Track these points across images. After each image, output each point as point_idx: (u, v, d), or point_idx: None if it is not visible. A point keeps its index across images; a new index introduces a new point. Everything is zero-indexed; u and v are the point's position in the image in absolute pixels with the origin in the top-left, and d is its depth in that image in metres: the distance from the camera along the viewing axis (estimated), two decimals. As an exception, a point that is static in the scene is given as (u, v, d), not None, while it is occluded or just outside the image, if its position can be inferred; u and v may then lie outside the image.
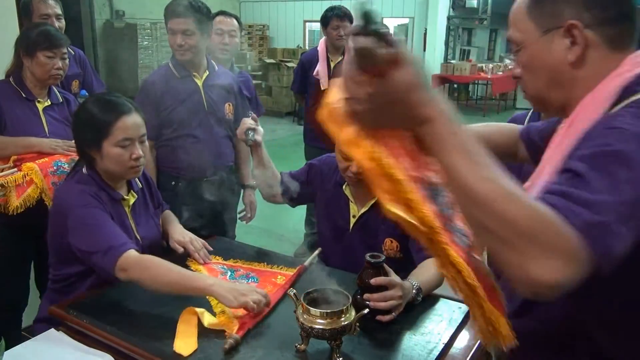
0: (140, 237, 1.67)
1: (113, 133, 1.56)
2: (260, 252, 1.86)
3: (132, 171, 1.62)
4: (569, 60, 0.89)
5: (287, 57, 10.50)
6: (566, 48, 0.89)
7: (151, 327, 1.37)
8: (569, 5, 0.88)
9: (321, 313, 1.23)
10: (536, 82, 0.95)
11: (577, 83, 0.90)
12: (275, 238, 4.18)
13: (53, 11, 2.59)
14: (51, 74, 2.14)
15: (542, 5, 0.91)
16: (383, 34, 0.67)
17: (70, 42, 2.24)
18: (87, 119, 1.59)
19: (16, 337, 2.15)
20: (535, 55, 0.93)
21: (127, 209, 1.68)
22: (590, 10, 0.87)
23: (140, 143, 1.62)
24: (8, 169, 2.02)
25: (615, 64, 0.89)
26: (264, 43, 13.34)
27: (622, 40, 0.89)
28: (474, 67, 10.55)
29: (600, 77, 0.88)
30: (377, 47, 0.66)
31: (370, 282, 1.39)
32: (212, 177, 2.36)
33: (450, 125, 0.69)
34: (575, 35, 0.88)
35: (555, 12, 0.89)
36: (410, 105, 0.70)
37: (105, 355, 1.32)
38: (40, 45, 2.10)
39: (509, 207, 0.65)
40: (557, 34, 0.89)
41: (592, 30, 0.88)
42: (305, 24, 13.49)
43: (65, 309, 1.46)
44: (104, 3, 10.34)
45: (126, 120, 1.58)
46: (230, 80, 2.47)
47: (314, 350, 1.28)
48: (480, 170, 0.67)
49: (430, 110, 0.69)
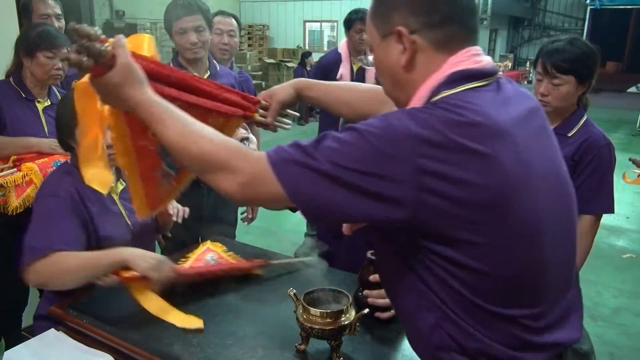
0: (131, 222, 1.69)
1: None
2: (260, 252, 1.86)
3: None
4: (401, 64, 0.95)
5: (287, 57, 10.51)
6: (399, 52, 0.95)
7: (151, 327, 1.37)
8: (397, 12, 0.94)
9: (321, 313, 1.23)
10: (384, 82, 1.03)
11: (411, 85, 0.96)
12: (275, 238, 4.18)
13: (53, 11, 2.58)
14: (51, 74, 2.14)
15: (379, 12, 0.98)
16: (87, 47, 0.94)
17: (70, 42, 2.24)
18: (61, 109, 1.63)
19: (16, 337, 2.16)
20: (379, 59, 1.00)
21: (115, 196, 1.69)
22: (416, 16, 0.93)
23: None
24: (7, 169, 2.02)
25: (441, 65, 0.94)
26: (264, 43, 13.35)
27: (448, 43, 0.94)
28: (473, 67, 10.56)
29: (428, 78, 0.94)
30: (81, 59, 0.94)
31: (370, 279, 1.39)
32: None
33: (150, 107, 0.99)
34: (403, 41, 0.94)
35: (387, 18, 0.95)
36: (120, 97, 1.00)
37: (105, 355, 1.32)
38: (40, 45, 2.10)
39: (197, 148, 0.94)
40: (392, 40, 0.95)
41: (419, 35, 0.93)
42: (305, 24, 13.50)
43: (65, 309, 1.45)
44: (104, 3, 10.35)
45: None
46: (232, 80, 2.46)
47: (314, 350, 1.28)
48: (174, 131, 0.96)
49: (135, 100, 0.99)
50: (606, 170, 1.83)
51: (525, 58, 15.09)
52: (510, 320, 0.92)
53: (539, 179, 0.91)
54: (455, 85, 0.91)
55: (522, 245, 0.90)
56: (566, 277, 1.02)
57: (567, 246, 1.01)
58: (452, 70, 0.93)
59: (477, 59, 0.95)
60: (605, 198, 1.85)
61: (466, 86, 0.92)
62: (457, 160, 0.83)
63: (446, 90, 0.91)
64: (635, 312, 3.33)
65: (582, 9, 15.18)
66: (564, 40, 1.82)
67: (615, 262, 4.13)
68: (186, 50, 2.25)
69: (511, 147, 0.87)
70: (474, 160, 0.83)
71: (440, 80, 0.93)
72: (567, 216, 1.00)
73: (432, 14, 0.93)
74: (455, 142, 0.83)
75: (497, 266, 0.89)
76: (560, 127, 1.87)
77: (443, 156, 0.83)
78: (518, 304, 0.92)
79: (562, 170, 1.01)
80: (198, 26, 2.22)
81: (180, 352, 1.26)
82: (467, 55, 0.94)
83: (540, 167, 0.92)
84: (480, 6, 11.73)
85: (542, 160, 0.94)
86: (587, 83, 1.82)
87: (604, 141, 1.83)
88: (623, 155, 2.73)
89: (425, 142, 0.83)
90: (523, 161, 0.88)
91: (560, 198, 0.98)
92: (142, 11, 10.49)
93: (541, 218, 0.91)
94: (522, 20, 15.72)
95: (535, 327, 0.93)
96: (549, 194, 0.93)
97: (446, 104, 0.88)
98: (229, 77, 2.47)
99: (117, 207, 1.68)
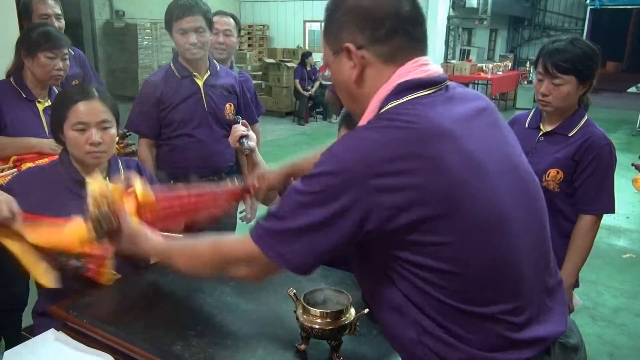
0: None
1: (69, 117, 1.61)
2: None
3: (90, 156, 1.63)
4: (352, 79, 0.99)
5: (287, 57, 10.50)
6: (350, 68, 0.99)
7: (151, 327, 1.37)
8: (345, 30, 0.98)
9: (321, 313, 1.23)
10: (342, 96, 1.07)
11: (364, 98, 1.00)
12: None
13: (53, 11, 2.58)
14: (52, 75, 2.14)
15: (329, 30, 1.02)
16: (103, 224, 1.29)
17: (71, 42, 2.24)
18: (54, 103, 1.65)
19: (16, 337, 2.15)
20: (334, 74, 1.05)
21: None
22: (362, 33, 0.97)
23: (102, 130, 1.63)
24: (8, 169, 2.02)
25: (390, 77, 0.97)
26: (264, 43, 13.34)
27: (395, 55, 0.98)
28: (474, 67, 10.57)
29: (378, 90, 0.98)
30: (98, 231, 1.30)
31: None
32: (211, 177, 2.36)
33: (156, 252, 1.29)
34: (352, 57, 0.97)
35: (337, 35, 1.00)
36: (135, 253, 1.32)
37: (105, 355, 1.32)
38: (41, 45, 2.09)
39: (204, 266, 1.16)
40: (343, 56, 1.00)
41: (367, 50, 0.97)
42: (305, 24, 13.50)
43: (65, 309, 1.45)
44: (104, 3, 10.35)
45: (81, 105, 1.61)
46: (233, 80, 2.46)
47: (314, 350, 1.28)
48: (182, 262, 1.19)
49: (145, 251, 1.31)
50: (607, 170, 1.83)
51: (525, 58, 15.08)
52: (490, 318, 0.93)
53: (494, 174, 0.94)
54: (403, 96, 0.95)
55: (485, 240, 0.92)
56: (542, 267, 1.03)
57: (538, 236, 1.03)
58: (399, 81, 0.96)
59: (424, 69, 0.98)
60: (605, 198, 1.85)
61: (413, 95, 0.95)
62: (406, 167, 0.87)
63: (394, 101, 0.95)
64: (635, 312, 3.33)
65: (582, 9, 15.17)
66: (565, 40, 1.82)
67: (615, 262, 4.12)
68: (185, 50, 2.26)
69: (456, 146, 0.90)
70: (421, 164, 0.87)
71: (388, 91, 0.96)
72: (533, 209, 1.02)
73: (377, 29, 0.96)
74: (401, 151, 0.88)
75: (465, 264, 0.91)
76: (561, 127, 1.87)
77: (392, 168, 0.87)
78: (495, 299, 0.94)
79: (521, 164, 1.04)
80: (198, 27, 2.22)
81: (180, 352, 1.25)
82: (414, 66, 0.98)
83: (495, 163, 0.95)
84: (480, 6, 11.73)
85: (496, 156, 0.97)
86: (588, 83, 1.82)
87: (604, 141, 1.83)
88: (623, 155, 2.73)
89: (373, 163, 0.87)
90: (472, 159, 0.91)
91: (523, 191, 1.01)
92: (142, 11, 10.49)
93: (501, 212, 0.93)
94: (522, 20, 15.72)
95: (517, 323, 0.95)
96: (507, 188, 0.96)
97: (391, 114, 0.93)
98: (229, 77, 2.47)
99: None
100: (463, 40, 12.98)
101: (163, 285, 1.61)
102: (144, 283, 1.63)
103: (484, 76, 10.59)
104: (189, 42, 2.22)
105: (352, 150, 0.91)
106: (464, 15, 12.18)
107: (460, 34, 12.83)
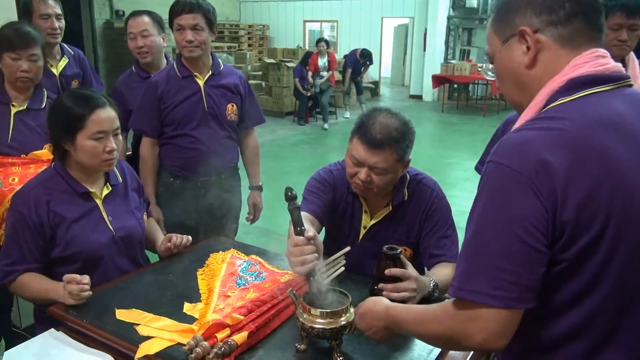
0: (114, 228, 1.68)
1: (87, 126, 1.57)
2: (260, 252, 1.86)
3: (106, 164, 1.63)
4: (525, 63, 0.96)
5: (287, 57, 10.49)
6: (523, 53, 0.97)
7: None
8: (519, 14, 0.96)
9: (321, 313, 1.23)
10: (507, 87, 1.03)
11: (534, 83, 0.97)
12: (275, 238, 4.17)
13: (53, 11, 2.57)
14: (17, 77, 2.03)
15: (500, 18, 1.01)
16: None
17: (42, 41, 2.12)
18: (62, 112, 1.60)
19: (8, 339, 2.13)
20: (501, 64, 1.02)
21: (99, 200, 1.68)
22: (539, 16, 0.94)
23: (114, 136, 1.63)
24: None
25: (567, 62, 0.94)
26: (264, 43, 13.36)
27: (573, 39, 0.94)
28: (474, 67, 10.55)
29: (553, 76, 0.94)
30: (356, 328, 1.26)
31: (385, 273, 1.41)
32: (211, 177, 2.36)
33: (393, 323, 1.15)
34: (527, 40, 0.95)
35: (509, 22, 0.98)
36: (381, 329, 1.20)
37: (105, 355, 1.32)
38: (3, 46, 2.01)
39: (432, 329, 1.01)
40: (514, 42, 0.97)
41: (543, 33, 0.94)
42: (305, 24, 13.51)
43: (65, 309, 1.46)
44: (104, 3, 10.35)
45: (100, 114, 1.59)
46: (237, 80, 2.45)
47: (314, 350, 1.29)
48: (412, 328, 1.09)
49: (386, 325, 1.17)
50: None
51: (525, 58, 15.05)
52: None
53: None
54: (573, 92, 0.91)
55: None
56: None
57: None
58: (571, 75, 0.91)
59: (602, 61, 0.93)
60: None
61: (584, 92, 0.90)
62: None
63: (563, 98, 0.91)
64: (635, 312, 3.32)
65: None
66: None
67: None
68: (182, 47, 2.26)
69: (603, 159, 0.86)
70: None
71: (557, 86, 0.92)
72: None
73: (556, 11, 0.93)
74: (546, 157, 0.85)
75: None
76: None
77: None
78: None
79: None
80: (196, 24, 2.22)
81: (181, 352, 1.26)
82: (591, 56, 0.93)
83: None
84: (480, 6, 11.74)
85: None
86: None
87: None
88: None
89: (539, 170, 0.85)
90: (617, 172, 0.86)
91: None
92: (142, 11, 10.49)
93: None
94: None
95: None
96: None
97: (545, 120, 0.90)
98: (233, 76, 2.46)
99: (99, 211, 1.67)
100: (463, 40, 12.97)
101: (163, 285, 1.61)
102: (144, 283, 1.63)
103: (484, 76, 10.59)
104: (185, 39, 2.22)
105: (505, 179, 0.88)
106: (464, 15, 12.18)
107: (460, 34, 12.82)
